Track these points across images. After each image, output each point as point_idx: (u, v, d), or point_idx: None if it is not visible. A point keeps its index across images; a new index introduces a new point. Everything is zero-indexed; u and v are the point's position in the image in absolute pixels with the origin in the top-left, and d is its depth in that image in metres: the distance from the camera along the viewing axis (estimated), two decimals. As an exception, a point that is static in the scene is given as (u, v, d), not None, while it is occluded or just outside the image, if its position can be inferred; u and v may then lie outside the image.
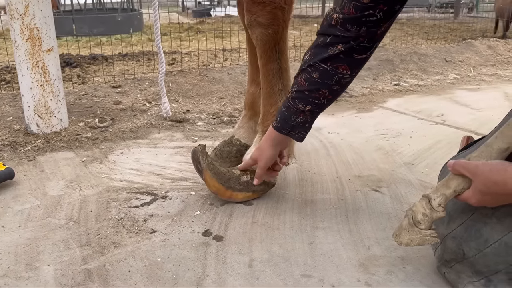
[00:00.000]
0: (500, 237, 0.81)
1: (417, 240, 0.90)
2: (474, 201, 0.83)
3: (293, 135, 1.19)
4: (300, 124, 1.17)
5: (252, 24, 1.31)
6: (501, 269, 0.82)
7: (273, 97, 1.38)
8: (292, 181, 1.47)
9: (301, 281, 0.97)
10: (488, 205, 0.83)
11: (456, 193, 0.86)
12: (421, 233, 0.90)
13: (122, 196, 1.36)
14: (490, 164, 0.80)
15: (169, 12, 5.40)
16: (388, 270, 1.00)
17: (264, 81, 1.38)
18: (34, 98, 1.83)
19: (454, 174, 0.86)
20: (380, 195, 1.37)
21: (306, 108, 1.13)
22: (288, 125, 1.16)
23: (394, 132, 1.97)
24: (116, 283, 0.96)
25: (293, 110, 1.14)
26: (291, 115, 1.15)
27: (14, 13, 1.74)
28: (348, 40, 1.03)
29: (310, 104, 1.12)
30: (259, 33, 1.31)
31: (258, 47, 1.35)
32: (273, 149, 1.21)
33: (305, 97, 1.11)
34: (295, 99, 1.13)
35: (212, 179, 1.27)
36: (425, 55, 3.49)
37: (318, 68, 1.07)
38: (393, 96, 2.66)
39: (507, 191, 0.77)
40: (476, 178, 0.81)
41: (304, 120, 1.16)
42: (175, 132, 1.97)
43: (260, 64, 1.37)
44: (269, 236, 1.14)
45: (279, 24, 1.30)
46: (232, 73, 2.91)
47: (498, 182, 0.78)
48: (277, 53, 1.34)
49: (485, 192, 0.80)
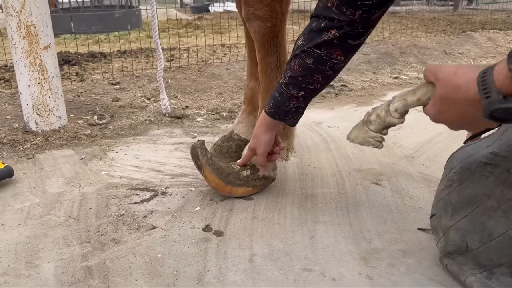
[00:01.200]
0: (505, 231, 0.80)
1: (360, 139, 0.91)
2: (432, 112, 0.75)
3: (286, 120, 1.19)
4: (294, 110, 1.17)
5: (250, 17, 1.30)
6: (504, 263, 0.82)
7: (271, 91, 1.37)
8: (292, 176, 1.46)
9: (302, 275, 0.96)
10: (446, 122, 0.75)
11: (420, 102, 0.78)
12: (367, 133, 0.90)
13: (122, 193, 1.36)
14: (457, 67, 0.71)
15: (166, 8, 5.37)
16: (389, 263, 0.99)
17: (262, 75, 1.37)
18: (32, 96, 1.83)
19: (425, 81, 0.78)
20: (380, 188, 1.36)
21: (300, 93, 1.13)
22: (281, 110, 1.17)
23: (394, 125, 1.96)
24: (116, 280, 0.96)
25: (286, 96, 1.14)
26: (284, 101, 1.15)
27: (10, 10, 1.73)
28: (342, 25, 1.01)
29: (304, 89, 1.12)
30: (257, 26, 1.30)
31: (256, 41, 1.34)
32: (268, 134, 1.21)
33: (298, 82, 1.11)
34: (288, 84, 1.13)
35: (212, 174, 1.26)
36: (425, 48, 3.48)
37: (312, 54, 1.07)
38: (393, 89, 2.65)
39: (468, 98, 0.67)
40: (439, 81, 0.72)
41: (297, 106, 1.16)
42: (174, 128, 1.96)
43: (258, 58, 1.36)
44: (269, 230, 1.14)
45: (277, 16, 1.29)
46: (231, 68, 2.90)
47: (460, 86, 0.68)
48: (275, 46, 1.33)
49: (445, 100, 0.71)
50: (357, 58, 3.18)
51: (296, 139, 1.71)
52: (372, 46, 3.44)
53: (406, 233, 1.11)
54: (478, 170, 0.86)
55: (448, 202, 0.91)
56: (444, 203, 0.92)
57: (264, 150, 1.23)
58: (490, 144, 0.86)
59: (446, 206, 0.91)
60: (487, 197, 0.83)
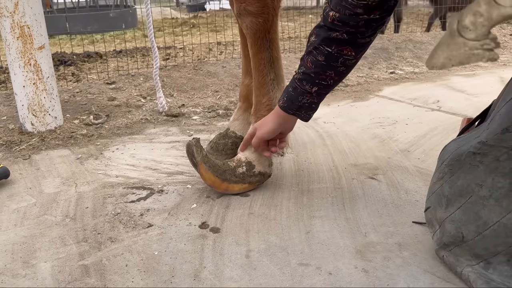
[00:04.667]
0: (499, 219, 0.81)
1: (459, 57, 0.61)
2: None
3: (299, 115, 1.21)
4: (307, 105, 1.18)
5: (242, 13, 1.29)
6: (500, 251, 0.82)
7: (265, 87, 1.37)
8: (288, 172, 1.47)
9: (298, 269, 0.96)
10: None
11: None
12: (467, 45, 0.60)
13: (118, 192, 1.36)
14: None
15: (161, 7, 5.36)
16: (385, 256, 1.00)
17: (255, 71, 1.36)
18: (27, 96, 1.82)
19: None
20: (376, 183, 1.36)
21: (313, 89, 1.15)
22: (294, 105, 1.18)
23: (390, 120, 1.96)
24: (113, 278, 0.96)
25: (300, 91, 1.16)
26: (298, 96, 1.17)
27: (3, 11, 1.72)
28: (349, 30, 1.05)
29: (317, 85, 1.14)
30: (249, 22, 1.29)
31: (248, 37, 1.33)
32: (276, 124, 1.22)
33: (311, 78, 1.13)
34: (302, 80, 1.15)
35: (208, 172, 1.26)
36: (420, 43, 3.48)
37: (323, 52, 1.09)
38: (389, 84, 2.66)
39: None
40: None
41: (310, 101, 1.18)
42: (170, 127, 1.96)
43: (251, 54, 1.36)
44: (266, 226, 1.14)
45: (269, 12, 1.29)
46: (227, 66, 2.89)
47: None
48: (268, 42, 1.33)
49: None
50: (353, 54, 3.17)
51: (292, 135, 1.72)
52: (367, 41, 3.44)
53: (402, 226, 1.12)
54: (468, 160, 0.86)
55: (441, 194, 0.91)
56: (438, 195, 0.93)
57: (265, 134, 1.24)
58: (479, 134, 0.86)
59: (440, 198, 0.92)
60: (479, 187, 0.84)
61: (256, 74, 1.37)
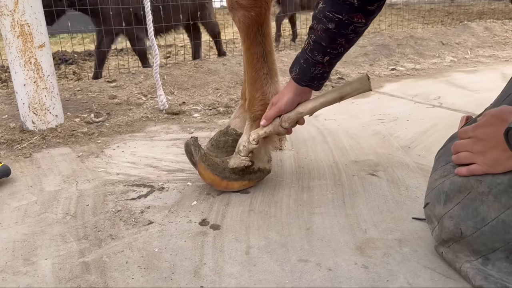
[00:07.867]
0: (497, 215, 0.81)
1: (237, 163, 1.26)
2: None
3: (311, 86, 1.21)
4: (319, 75, 1.19)
5: (234, 7, 1.28)
6: (498, 247, 0.82)
7: (258, 82, 1.35)
8: (289, 168, 1.47)
9: (298, 265, 0.97)
10: None
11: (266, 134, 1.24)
12: (240, 158, 1.26)
13: (119, 189, 1.36)
14: None
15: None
16: (385, 252, 1.00)
17: (248, 66, 1.35)
18: (28, 95, 1.83)
19: None
20: (376, 179, 1.36)
21: (325, 58, 1.15)
22: (307, 76, 1.19)
23: (391, 116, 1.96)
24: (113, 275, 0.96)
25: (311, 62, 1.16)
26: (310, 67, 1.17)
27: (3, 9, 1.72)
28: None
29: (328, 54, 1.14)
30: (242, 16, 1.28)
31: (241, 31, 1.32)
32: (293, 94, 1.22)
33: (323, 48, 1.13)
34: (313, 50, 1.15)
35: (207, 170, 1.26)
36: (422, 39, 3.47)
37: (333, 19, 1.09)
38: (390, 81, 2.65)
39: None
40: None
41: (322, 71, 1.18)
42: (171, 125, 1.96)
43: (243, 49, 1.35)
44: (266, 223, 1.14)
45: (262, 6, 1.27)
46: (228, 63, 2.89)
47: None
48: (261, 36, 1.31)
49: None
50: (354, 51, 3.17)
51: (293, 133, 1.71)
52: (368, 38, 3.43)
53: (402, 222, 1.12)
54: None
55: (440, 190, 0.91)
56: (437, 191, 0.92)
57: (282, 105, 1.23)
58: None
59: (439, 195, 0.91)
60: (479, 182, 0.83)
61: (249, 69, 1.35)
